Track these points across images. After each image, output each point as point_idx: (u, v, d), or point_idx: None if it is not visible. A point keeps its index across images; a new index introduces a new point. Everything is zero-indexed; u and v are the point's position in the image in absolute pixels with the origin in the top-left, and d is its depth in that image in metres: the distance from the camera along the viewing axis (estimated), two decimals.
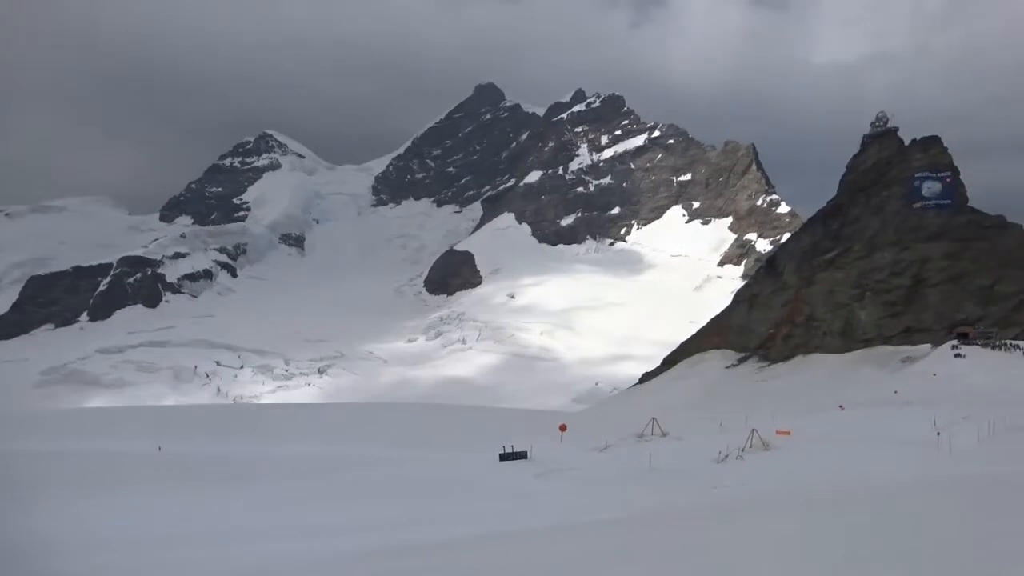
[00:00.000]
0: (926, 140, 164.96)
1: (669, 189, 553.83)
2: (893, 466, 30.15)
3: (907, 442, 38.41)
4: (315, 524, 21.36)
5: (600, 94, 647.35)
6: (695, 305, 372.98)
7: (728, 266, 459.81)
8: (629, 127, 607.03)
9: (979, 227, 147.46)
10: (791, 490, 24.11)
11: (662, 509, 21.58)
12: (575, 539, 16.06)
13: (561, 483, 29.39)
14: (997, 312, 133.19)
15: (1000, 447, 34.52)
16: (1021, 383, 76.20)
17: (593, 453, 38.46)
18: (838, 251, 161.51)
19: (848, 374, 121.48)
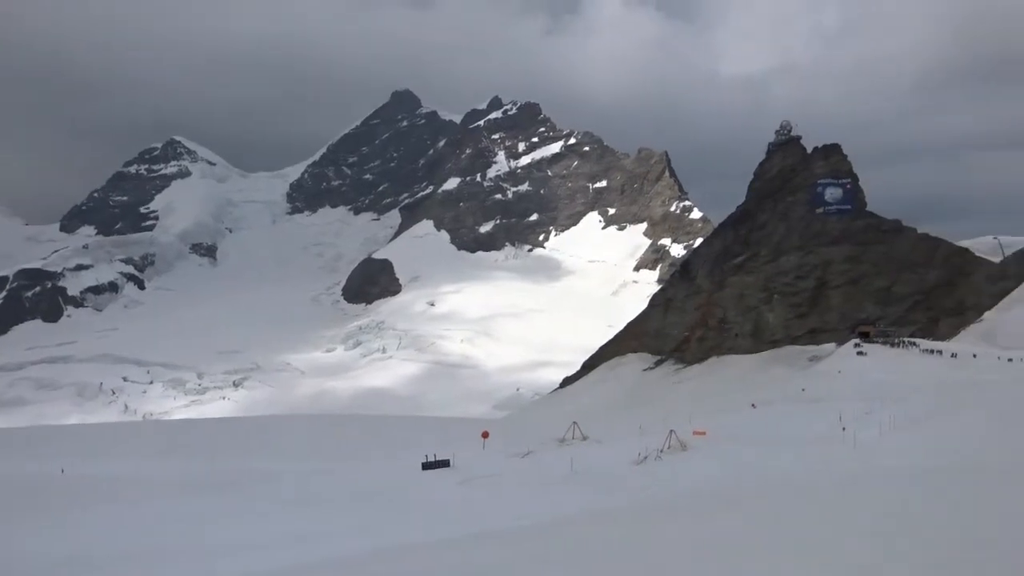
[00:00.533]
0: (827, 148, 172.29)
1: (585, 196, 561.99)
2: (803, 462, 31.36)
3: (815, 438, 39.98)
4: (210, 543, 20.72)
5: (516, 101, 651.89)
6: (613, 310, 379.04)
7: (644, 271, 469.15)
8: (546, 134, 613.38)
9: (877, 231, 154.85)
10: (707, 489, 24.86)
11: (583, 512, 21.91)
12: (495, 546, 16.14)
13: (484, 490, 29.48)
14: (895, 312, 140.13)
15: (899, 441, 36.35)
16: (917, 379, 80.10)
17: (515, 459, 38.71)
18: (747, 255, 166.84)
19: (759, 374, 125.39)
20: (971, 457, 26.40)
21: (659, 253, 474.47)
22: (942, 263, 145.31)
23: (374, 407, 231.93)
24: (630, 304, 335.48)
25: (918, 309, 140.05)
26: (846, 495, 18.75)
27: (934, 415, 45.96)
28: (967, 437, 33.85)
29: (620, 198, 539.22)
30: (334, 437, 56.44)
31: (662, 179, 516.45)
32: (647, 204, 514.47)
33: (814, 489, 20.44)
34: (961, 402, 52.50)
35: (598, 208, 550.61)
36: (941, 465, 24.56)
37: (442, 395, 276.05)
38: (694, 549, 12.92)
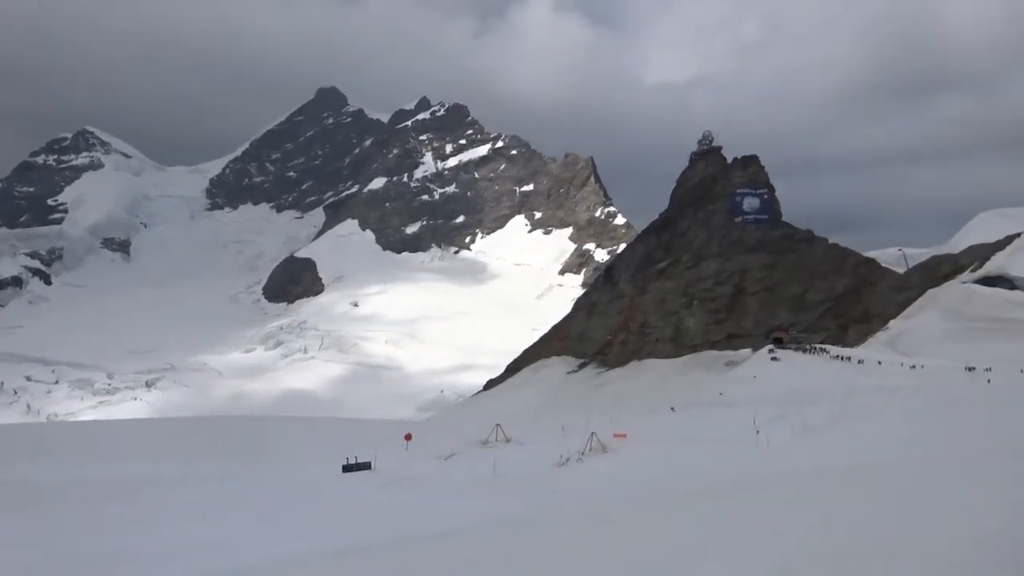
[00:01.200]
0: (746, 159, 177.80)
1: (512, 199, 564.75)
2: (719, 463, 32.34)
3: (731, 440, 41.23)
4: (116, 552, 20.05)
5: (444, 103, 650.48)
6: (537, 313, 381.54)
7: (568, 275, 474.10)
8: (473, 137, 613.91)
9: (791, 240, 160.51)
10: (626, 490, 25.43)
11: (505, 515, 22.12)
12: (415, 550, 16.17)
13: (406, 493, 29.40)
14: (807, 318, 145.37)
15: (808, 443, 37.85)
16: (827, 384, 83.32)
17: (438, 461, 38.73)
18: (669, 261, 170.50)
19: (679, 378, 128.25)
20: (874, 459, 27.70)
21: (584, 258, 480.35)
22: (851, 272, 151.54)
23: (295, 409, 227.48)
24: (555, 308, 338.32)
25: (828, 316, 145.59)
26: (758, 496, 19.50)
27: (842, 419, 47.93)
28: (871, 440, 35.49)
29: (546, 202, 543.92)
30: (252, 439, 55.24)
31: (588, 184, 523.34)
32: (573, 209, 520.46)
33: (728, 490, 21.16)
34: (867, 407, 54.89)
35: (524, 212, 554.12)
36: (846, 466, 25.72)
37: (365, 397, 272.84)
38: (611, 551, 13.25)
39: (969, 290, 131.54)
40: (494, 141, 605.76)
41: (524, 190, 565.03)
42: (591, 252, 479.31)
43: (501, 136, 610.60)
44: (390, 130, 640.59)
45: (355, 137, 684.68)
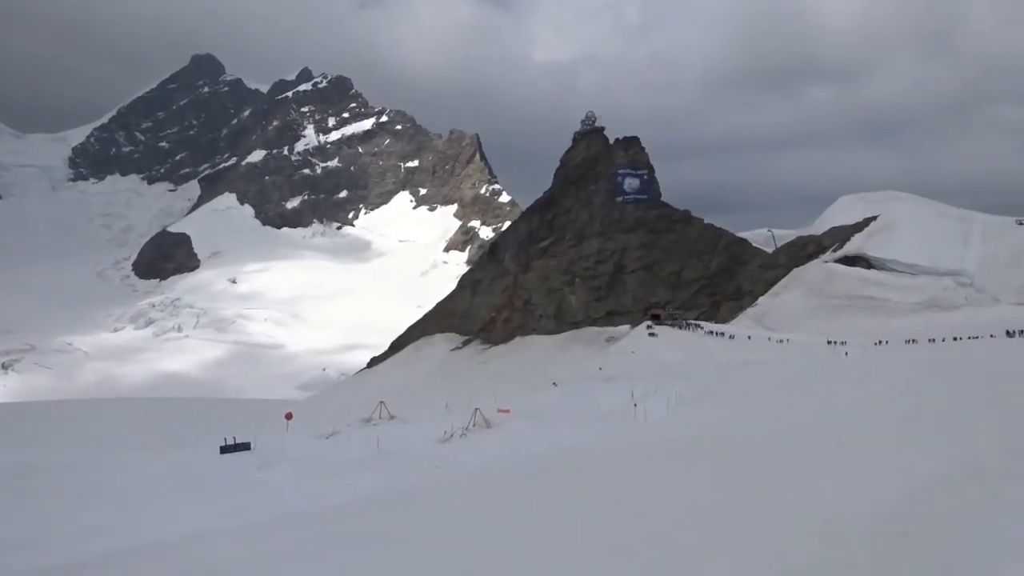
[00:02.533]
0: (627, 140, 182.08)
1: (396, 175, 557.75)
2: (598, 436, 33.36)
3: (610, 414, 42.53)
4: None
5: (327, 75, 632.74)
6: (422, 290, 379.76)
7: (453, 252, 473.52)
8: (357, 110, 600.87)
9: (669, 220, 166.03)
10: (509, 464, 25.93)
11: (387, 492, 22.17)
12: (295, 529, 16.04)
13: (286, 473, 28.91)
14: (683, 296, 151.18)
15: (682, 415, 39.58)
16: (701, 358, 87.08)
17: (320, 440, 38.17)
18: (552, 240, 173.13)
19: (561, 354, 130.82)
20: (742, 429, 29.31)
21: (469, 235, 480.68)
22: (724, 252, 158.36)
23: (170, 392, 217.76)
24: (439, 285, 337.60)
25: (703, 294, 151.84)
26: (634, 466, 20.35)
27: (714, 392, 50.28)
28: (740, 412, 37.48)
29: (431, 179, 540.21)
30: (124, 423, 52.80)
31: (473, 162, 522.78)
32: (458, 186, 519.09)
33: (607, 461, 21.96)
34: (737, 380, 57.81)
35: (409, 188, 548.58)
36: (717, 436, 27.13)
37: (244, 378, 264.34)
38: (493, 525, 13.56)
39: (830, 269, 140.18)
40: (378, 116, 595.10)
41: (409, 166, 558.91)
42: (476, 230, 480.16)
43: (386, 111, 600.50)
44: (270, 101, 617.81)
45: (233, 107, 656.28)
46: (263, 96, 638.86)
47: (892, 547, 8.55)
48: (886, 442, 19.68)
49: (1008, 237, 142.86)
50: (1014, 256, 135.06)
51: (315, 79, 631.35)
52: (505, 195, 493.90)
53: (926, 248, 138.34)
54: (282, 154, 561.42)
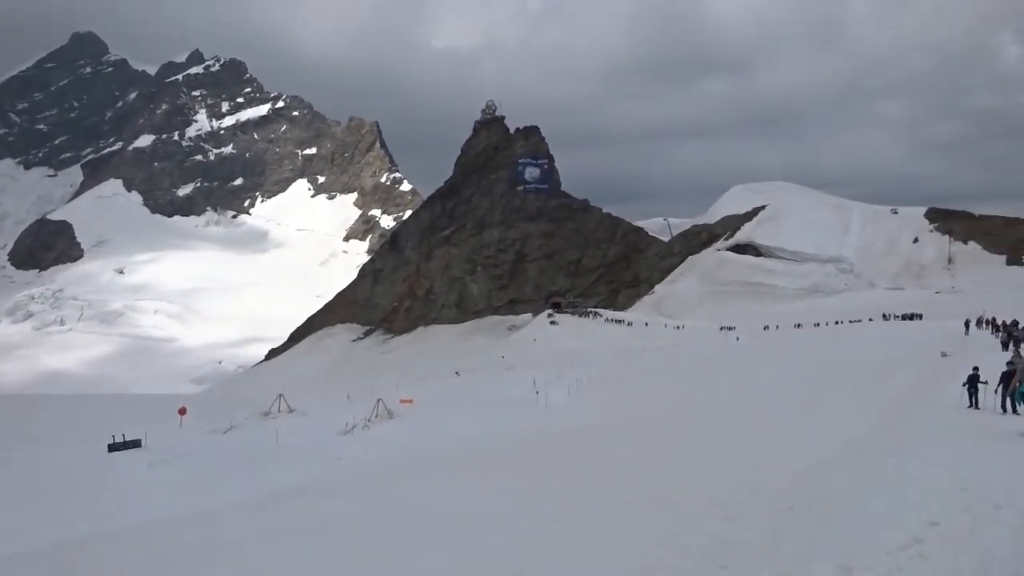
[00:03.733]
0: (528, 129, 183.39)
1: (294, 162, 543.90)
2: (501, 424, 33.67)
3: (512, 402, 42.98)
4: None
5: (220, 57, 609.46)
6: (321, 280, 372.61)
7: (353, 241, 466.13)
8: (252, 95, 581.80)
9: (569, 209, 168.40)
10: (411, 454, 25.89)
11: (288, 486, 21.77)
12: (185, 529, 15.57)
13: (179, 470, 27.97)
14: (582, 284, 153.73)
15: (582, 401, 40.40)
16: (600, 345, 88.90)
17: (216, 435, 37.08)
18: (454, 229, 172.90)
19: (463, 343, 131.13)
20: (640, 413, 30.17)
21: (369, 224, 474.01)
22: (622, 240, 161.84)
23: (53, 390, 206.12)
24: (339, 275, 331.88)
25: (602, 281, 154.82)
26: (535, 452, 20.66)
27: (613, 378, 51.49)
28: (638, 396, 38.56)
29: (330, 167, 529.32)
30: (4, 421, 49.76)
31: (373, 149, 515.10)
32: (357, 174, 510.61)
33: (508, 449, 22.21)
34: (635, 365, 59.36)
35: (307, 176, 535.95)
36: (616, 421, 27.84)
37: (135, 374, 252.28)
38: (394, 516, 13.54)
39: (722, 257, 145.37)
40: (274, 101, 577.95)
41: (307, 153, 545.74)
42: (376, 218, 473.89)
43: (282, 96, 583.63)
44: (158, 84, 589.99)
45: (117, 89, 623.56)
46: (151, 78, 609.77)
47: (781, 522, 9.03)
48: (775, 423, 20.65)
49: (884, 225, 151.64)
50: (888, 243, 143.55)
51: (207, 62, 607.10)
52: (406, 183, 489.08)
53: (810, 236, 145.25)
54: (172, 139, 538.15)
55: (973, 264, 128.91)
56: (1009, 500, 9.64)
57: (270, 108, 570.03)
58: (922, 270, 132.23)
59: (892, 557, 7.33)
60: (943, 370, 29.17)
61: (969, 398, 19.87)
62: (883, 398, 22.89)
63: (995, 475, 11.16)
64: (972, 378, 19.95)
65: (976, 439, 14.45)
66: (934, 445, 14.03)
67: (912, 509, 9.18)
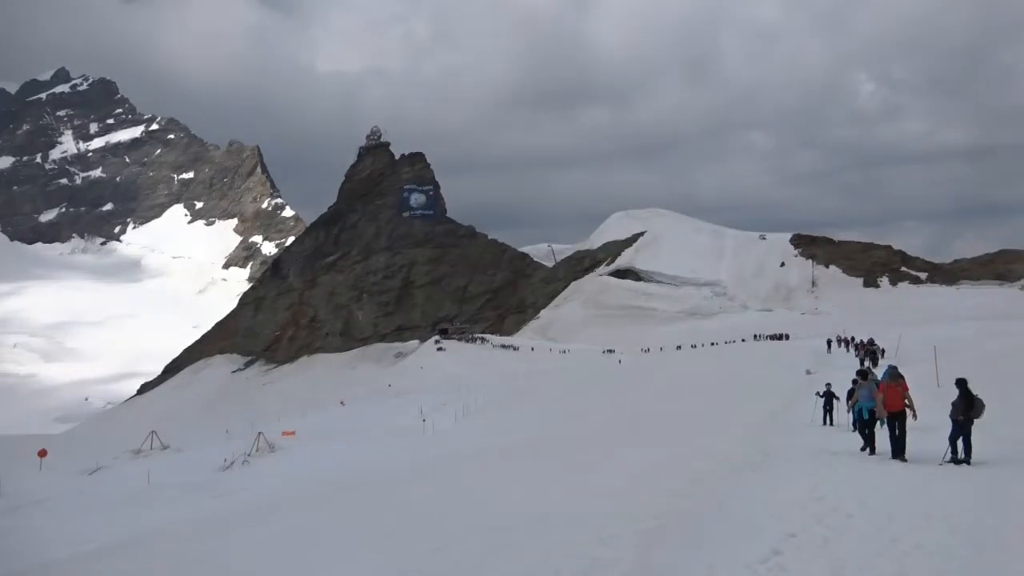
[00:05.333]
0: (413, 156, 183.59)
1: (170, 187, 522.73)
2: (387, 453, 33.24)
3: (399, 430, 42.54)
4: None
5: (88, 76, 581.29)
6: (199, 310, 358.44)
7: (233, 268, 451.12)
8: (123, 116, 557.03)
9: (455, 235, 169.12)
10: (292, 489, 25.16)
11: (161, 528, 20.75)
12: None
13: (38, 516, 26.21)
14: (469, 310, 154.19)
15: (469, 427, 40.43)
16: (487, 371, 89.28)
17: (81, 477, 34.94)
18: (338, 255, 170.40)
19: (349, 371, 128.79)
20: (523, 438, 30.45)
21: (250, 251, 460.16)
22: (508, 266, 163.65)
23: None
24: (218, 304, 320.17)
25: (488, 307, 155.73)
26: (418, 480, 20.52)
27: (499, 403, 51.80)
28: (524, 420, 38.92)
29: (209, 191, 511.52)
30: None
31: (254, 174, 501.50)
32: (238, 199, 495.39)
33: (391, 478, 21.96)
34: (521, 390, 59.93)
35: (184, 201, 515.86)
36: (500, 446, 28.00)
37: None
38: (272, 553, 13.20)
39: (604, 282, 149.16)
40: (148, 123, 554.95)
41: (183, 178, 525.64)
42: (258, 245, 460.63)
43: (156, 118, 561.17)
44: (19, 102, 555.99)
45: None
46: (11, 97, 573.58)
47: (651, 540, 9.33)
48: (652, 442, 21.30)
49: (754, 250, 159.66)
50: (758, 268, 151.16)
51: (74, 80, 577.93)
52: (289, 209, 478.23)
53: (687, 261, 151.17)
54: (34, 161, 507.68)
55: (834, 286, 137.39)
56: (860, 509, 10.30)
57: (143, 130, 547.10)
58: (789, 292, 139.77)
59: (752, 570, 7.70)
60: (807, 387, 30.86)
61: (824, 415, 21.12)
62: (753, 415, 24.00)
63: (847, 487, 11.91)
64: (827, 395, 21.24)
65: (830, 454, 15.38)
66: (794, 460, 14.85)
67: (773, 522, 9.67)
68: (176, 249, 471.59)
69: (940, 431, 14.67)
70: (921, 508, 10.31)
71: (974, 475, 12.83)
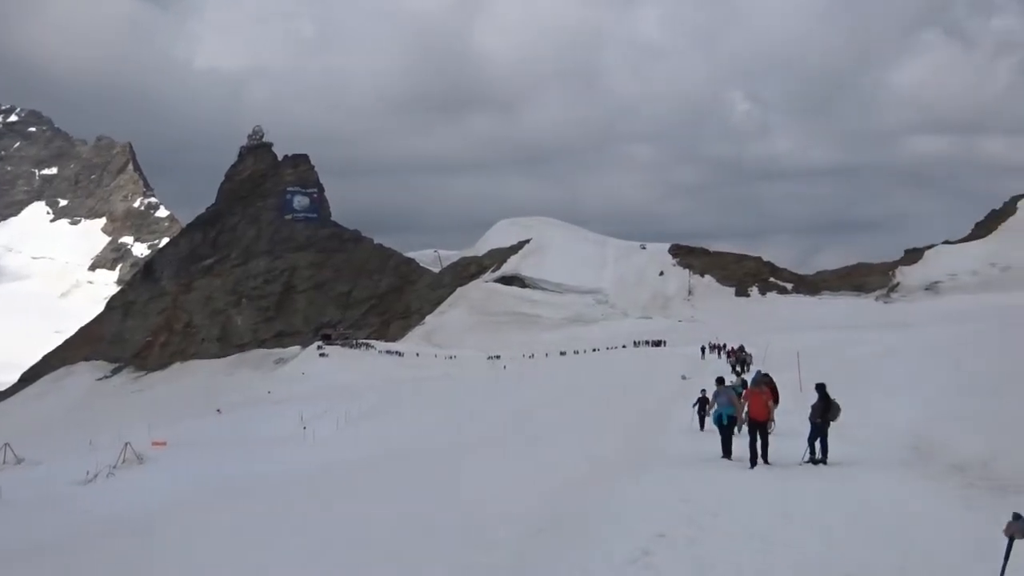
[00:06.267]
0: (296, 157, 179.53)
1: (30, 183, 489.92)
2: (265, 463, 32.25)
3: (279, 438, 41.41)
4: None
5: None
6: (61, 314, 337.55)
7: (101, 271, 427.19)
8: None
9: (340, 240, 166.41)
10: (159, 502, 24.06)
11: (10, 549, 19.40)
12: None
13: None
14: (353, 315, 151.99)
15: (352, 434, 39.84)
16: (372, 377, 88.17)
17: None
18: (216, 258, 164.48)
19: (226, 378, 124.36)
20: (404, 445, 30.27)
21: (120, 252, 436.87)
22: (393, 272, 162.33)
23: None
24: (84, 308, 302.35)
25: (373, 313, 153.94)
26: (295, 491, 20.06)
27: (383, 410, 51.26)
28: (404, 428, 38.68)
29: (74, 189, 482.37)
30: None
31: (125, 172, 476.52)
32: (107, 198, 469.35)
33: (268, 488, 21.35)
34: (405, 397, 59.52)
35: (46, 198, 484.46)
36: (381, 453, 27.74)
37: None
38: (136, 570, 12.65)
39: (490, 288, 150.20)
40: (6, 114, 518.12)
41: (46, 173, 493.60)
42: (128, 246, 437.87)
43: (15, 109, 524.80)
44: None
45: None
46: None
47: (526, 544, 9.48)
48: (532, 447, 21.63)
49: (634, 259, 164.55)
50: (639, 276, 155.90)
51: None
52: (163, 209, 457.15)
53: (571, 269, 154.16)
54: None
55: (709, 295, 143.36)
56: (725, 509, 10.82)
57: (2, 122, 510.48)
58: (667, 301, 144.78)
59: (621, 570, 7.95)
60: (683, 392, 32.06)
61: (700, 420, 21.95)
62: (630, 419, 24.75)
63: (714, 488, 12.48)
64: (701, 400, 22.09)
65: (701, 458, 16.05)
66: (667, 463, 15.42)
67: (644, 523, 10.01)
68: (37, 249, 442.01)
69: (802, 434, 15.49)
70: (781, 507, 10.92)
71: (829, 474, 13.71)
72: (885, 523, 9.62)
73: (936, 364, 27.73)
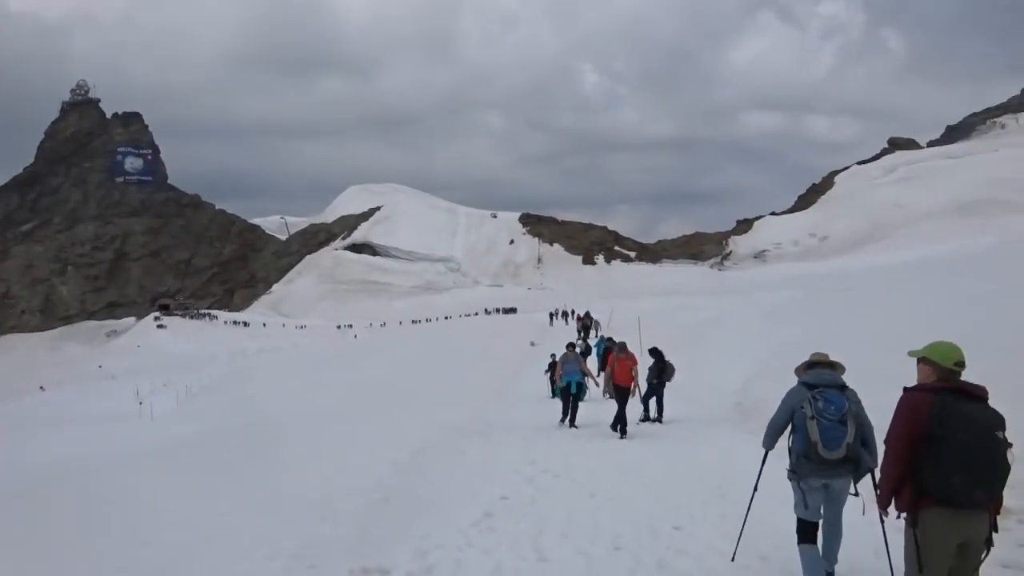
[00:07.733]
0: (128, 115, 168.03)
1: None
2: (98, 443, 30.39)
3: (111, 416, 39.15)
4: None
5: None
6: None
7: None
8: None
9: (178, 204, 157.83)
10: None
11: None
12: None
13: None
14: (194, 284, 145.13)
15: (192, 409, 38.28)
16: (213, 347, 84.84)
17: None
18: (36, 223, 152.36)
19: (51, 353, 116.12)
20: (248, 418, 29.44)
21: None
22: (237, 239, 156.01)
23: None
24: None
25: (215, 281, 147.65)
26: (129, 470, 19.11)
27: (226, 382, 49.53)
28: (247, 401, 37.56)
29: None
30: None
31: None
32: None
33: (96, 470, 20.21)
34: (250, 368, 57.68)
35: None
36: (225, 428, 26.87)
37: None
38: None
39: (340, 256, 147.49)
40: None
41: None
42: None
43: None
44: None
45: None
46: None
47: (372, 514, 9.52)
48: (382, 415, 21.62)
49: (485, 228, 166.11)
50: (489, 245, 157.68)
51: None
52: None
53: (422, 237, 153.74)
54: None
55: (558, 263, 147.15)
56: (566, 470, 11.28)
57: None
58: (517, 269, 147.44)
59: (464, 533, 8.15)
60: (531, 358, 32.91)
61: (551, 386, 22.52)
62: (480, 386, 25.17)
63: (557, 450, 12.98)
64: (551, 365, 22.72)
65: (548, 422, 16.60)
66: (515, 429, 15.86)
67: (488, 487, 10.28)
68: None
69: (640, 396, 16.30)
70: (618, 465, 11.53)
71: (664, 432, 14.56)
72: (711, 476, 10.36)
73: (760, 328, 29.96)
